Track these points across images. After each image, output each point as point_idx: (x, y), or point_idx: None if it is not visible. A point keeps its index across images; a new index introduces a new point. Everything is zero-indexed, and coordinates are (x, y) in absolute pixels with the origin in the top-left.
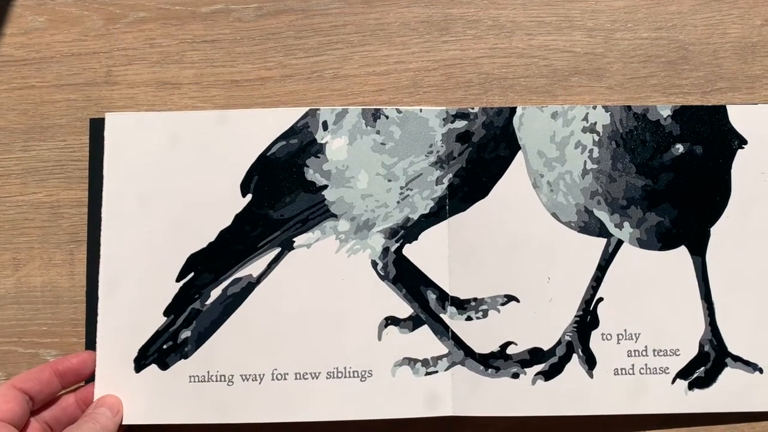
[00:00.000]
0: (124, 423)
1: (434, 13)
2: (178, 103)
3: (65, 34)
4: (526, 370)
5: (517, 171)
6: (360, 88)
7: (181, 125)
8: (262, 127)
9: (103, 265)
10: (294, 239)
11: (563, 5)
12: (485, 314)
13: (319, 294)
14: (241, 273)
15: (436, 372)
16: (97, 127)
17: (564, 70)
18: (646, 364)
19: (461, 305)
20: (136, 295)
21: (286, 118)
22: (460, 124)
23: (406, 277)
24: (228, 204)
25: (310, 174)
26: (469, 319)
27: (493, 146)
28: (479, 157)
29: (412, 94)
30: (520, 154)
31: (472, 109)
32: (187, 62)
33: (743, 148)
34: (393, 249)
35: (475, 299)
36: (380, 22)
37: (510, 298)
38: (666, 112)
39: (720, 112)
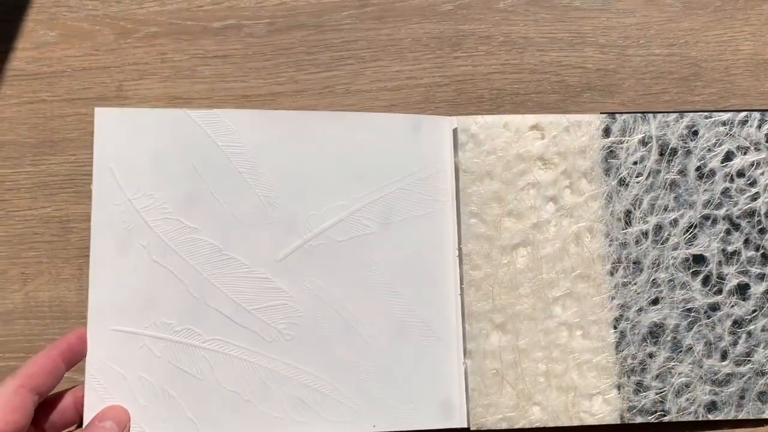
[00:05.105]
0: None
1: (446, 29)
2: None
3: (76, 48)
4: None
5: None
6: (372, 103)
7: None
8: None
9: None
10: None
11: (575, 22)
12: None
13: None
14: None
15: None
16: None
17: (576, 86)
18: None
19: None
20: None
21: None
22: None
23: None
24: None
25: None
26: None
27: None
28: None
29: (423, 109)
30: None
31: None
32: (199, 77)
33: None
34: None
35: None
36: (392, 38)
37: None
38: None
39: None
